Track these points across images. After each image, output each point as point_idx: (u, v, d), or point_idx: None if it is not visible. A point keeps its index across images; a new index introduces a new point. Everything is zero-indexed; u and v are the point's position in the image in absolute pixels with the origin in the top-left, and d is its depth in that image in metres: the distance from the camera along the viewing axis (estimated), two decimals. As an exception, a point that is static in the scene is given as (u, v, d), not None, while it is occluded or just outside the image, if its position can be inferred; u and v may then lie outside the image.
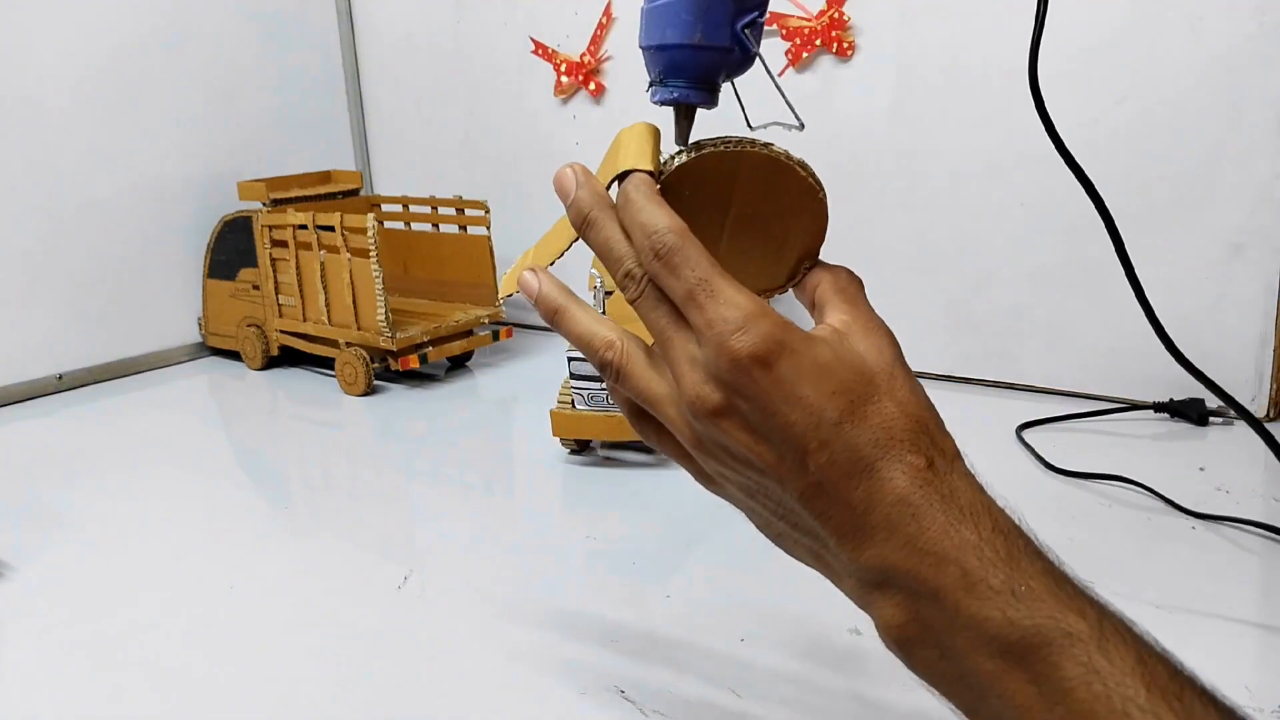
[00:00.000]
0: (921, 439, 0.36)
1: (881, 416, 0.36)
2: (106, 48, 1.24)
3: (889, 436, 0.36)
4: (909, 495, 0.35)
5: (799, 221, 0.43)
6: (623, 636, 0.60)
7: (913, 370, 0.39)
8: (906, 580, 0.35)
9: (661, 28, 0.41)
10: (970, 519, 0.35)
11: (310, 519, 0.83)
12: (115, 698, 0.57)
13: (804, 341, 0.37)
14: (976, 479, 0.37)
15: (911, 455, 0.36)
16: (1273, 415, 0.92)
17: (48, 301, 1.21)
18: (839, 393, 0.36)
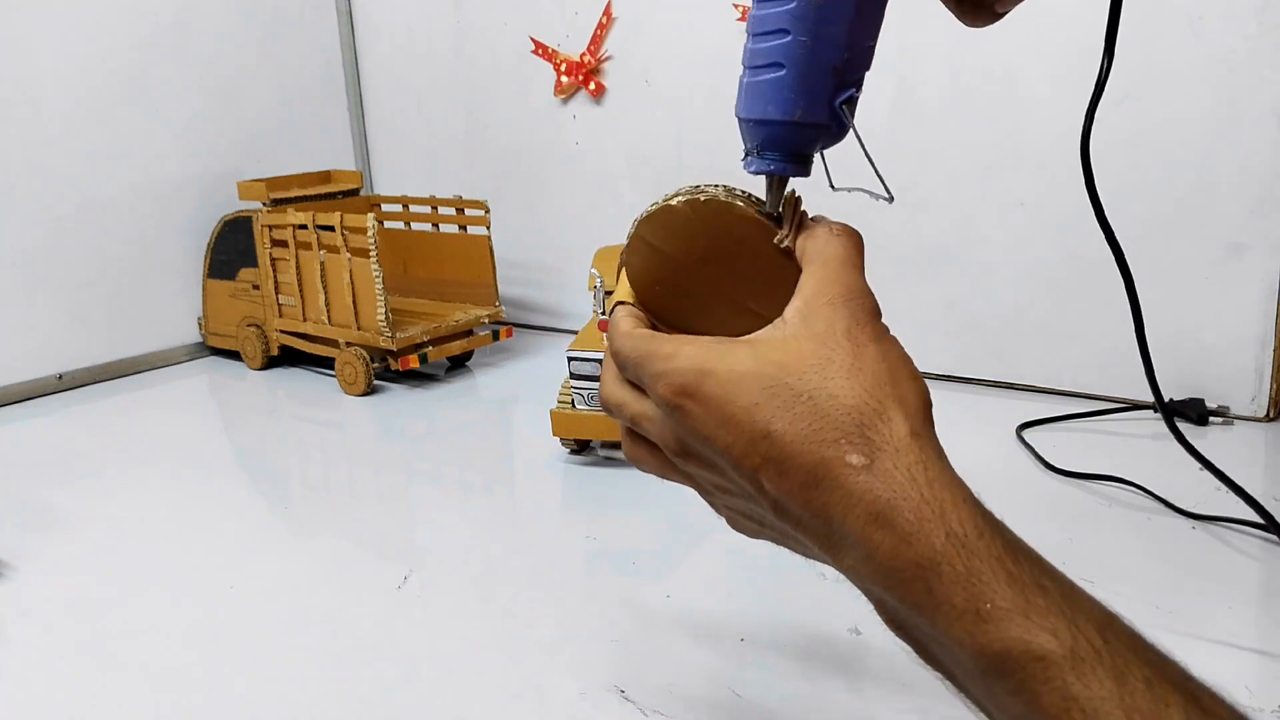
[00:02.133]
0: (856, 434, 0.33)
1: (813, 415, 0.34)
2: (106, 48, 1.24)
3: (823, 437, 0.33)
4: (855, 505, 0.33)
5: (765, 248, 0.41)
6: (623, 636, 0.60)
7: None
8: (882, 594, 0.33)
9: (763, 103, 0.42)
10: (924, 528, 0.32)
11: (310, 519, 0.83)
12: (115, 698, 0.57)
13: (722, 358, 0.36)
14: (934, 466, 0.33)
15: (852, 454, 0.33)
16: (1273, 415, 0.92)
17: (48, 301, 1.21)
18: (763, 402, 0.34)
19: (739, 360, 0.36)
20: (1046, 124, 0.97)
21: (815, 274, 0.38)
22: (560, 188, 1.35)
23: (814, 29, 0.40)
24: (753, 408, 0.34)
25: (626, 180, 1.28)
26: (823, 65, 0.41)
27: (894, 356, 0.36)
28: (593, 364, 0.86)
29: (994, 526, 0.33)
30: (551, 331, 1.40)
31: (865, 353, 0.35)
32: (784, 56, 0.41)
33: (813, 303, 0.37)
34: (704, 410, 0.35)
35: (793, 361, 0.35)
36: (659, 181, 1.25)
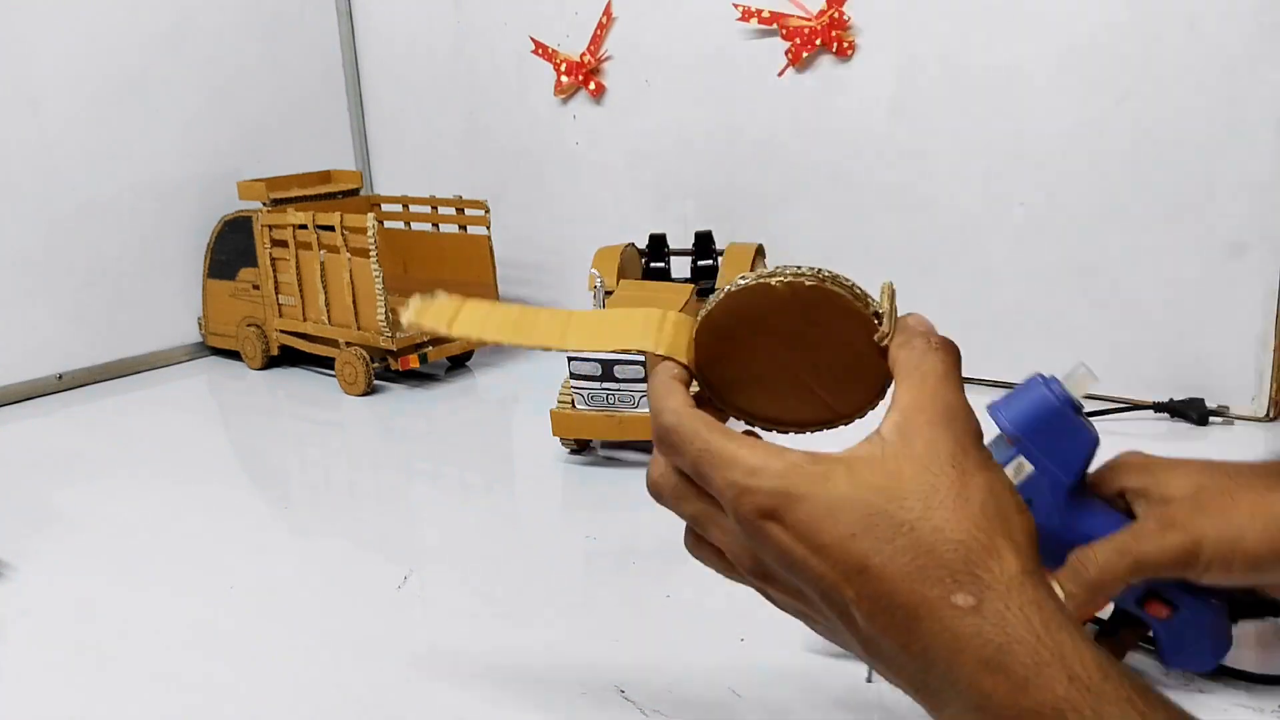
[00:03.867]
0: (964, 572, 0.30)
1: (915, 549, 0.31)
2: (106, 48, 1.24)
3: (926, 574, 0.31)
4: (963, 649, 0.30)
5: (858, 342, 0.39)
6: (623, 636, 0.60)
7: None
8: None
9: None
10: (1043, 673, 0.29)
11: (310, 519, 0.83)
12: (115, 698, 0.57)
13: (815, 482, 0.33)
14: (1048, 606, 0.31)
15: (959, 594, 0.30)
16: (1273, 415, 0.92)
17: (48, 301, 1.21)
18: (860, 533, 0.31)
19: (835, 484, 0.33)
20: (1046, 124, 0.97)
21: (913, 388, 0.35)
22: (560, 188, 1.35)
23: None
24: (849, 538, 0.32)
25: (626, 180, 1.28)
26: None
27: (1000, 487, 0.33)
28: (593, 364, 0.86)
29: (1118, 668, 0.30)
30: (551, 331, 1.39)
31: (972, 482, 0.32)
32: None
33: (912, 420, 0.34)
34: (793, 538, 0.32)
35: (893, 486, 0.32)
36: (659, 181, 1.25)
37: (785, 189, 1.15)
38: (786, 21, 1.09)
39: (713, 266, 1.10)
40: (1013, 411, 0.50)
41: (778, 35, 1.10)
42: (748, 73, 1.14)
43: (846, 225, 1.11)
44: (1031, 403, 0.50)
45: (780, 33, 1.10)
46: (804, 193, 1.13)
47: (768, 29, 1.11)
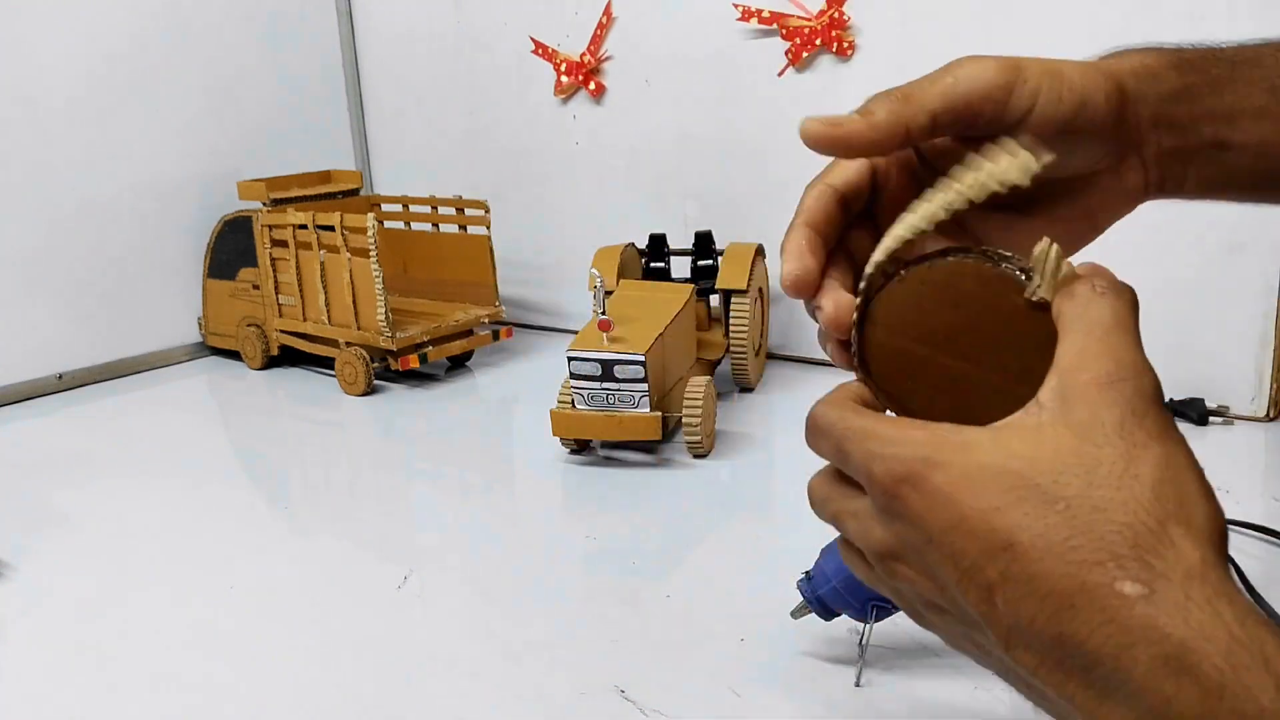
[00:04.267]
0: (1131, 558, 0.26)
1: (1071, 528, 0.27)
2: (106, 48, 1.24)
3: (1083, 556, 0.26)
4: (1135, 644, 0.26)
5: (1024, 321, 0.33)
6: (623, 636, 0.60)
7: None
8: None
9: (836, 557, 0.54)
10: (1241, 678, 0.24)
11: (310, 519, 0.83)
12: (115, 698, 0.57)
13: (956, 450, 0.29)
14: (1238, 602, 0.26)
15: (1124, 582, 0.26)
16: (1272, 415, 0.92)
17: (47, 301, 1.21)
18: (1006, 506, 0.28)
19: (979, 451, 0.29)
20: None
21: (1075, 343, 0.30)
22: (560, 188, 1.35)
23: None
24: (992, 512, 0.28)
25: (626, 180, 1.28)
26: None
27: (1180, 463, 0.28)
28: (593, 364, 0.86)
29: None
30: (551, 331, 1.40)
31: (1143, 456, 0.28)
32: None
33: (1072, 381, 0.29)
34: (929, 507, 0.29)
35: (1047, 458, 0.28)
36: (659, 181, 1.25)
37: (785, 189, 1.14)
38: (786, 21, 1.09)
39: (713, 266, 1.10)
40: None
41: (778, 35, 1.10)
42: (748, 73, 1.14)
43: (846, 225, 1.11)
44: None
45: (780, 33, 1.10)
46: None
47: (768, 29, 1.11)
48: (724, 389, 1.06)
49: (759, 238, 1.12)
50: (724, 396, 1.05)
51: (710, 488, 0.85)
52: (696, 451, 0.89)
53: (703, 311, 1.09)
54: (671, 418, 0.89)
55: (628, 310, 0.93)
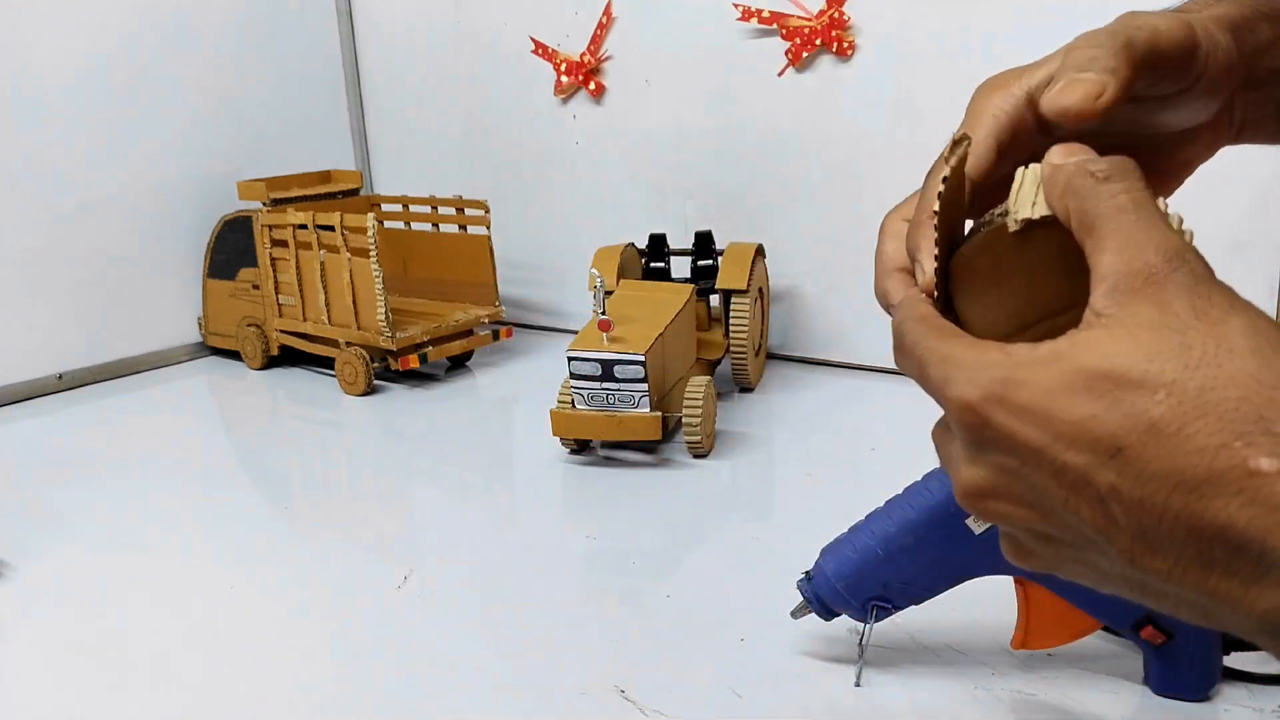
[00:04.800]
0: (1257, 431, 0.24)
1: (1183, 415, 0.25)
2: (106, 47, 1.24)
3: (1202, 442, 0.25)
4: (1272, 529, 0.24)
5: (1039, 249, 0.32)
6: (623, 636, 0.60)
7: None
8: None
9: (829, 556, 0.55)
10: None
11: (310, 519, 0.83)
12: (115, 698, 0.57)
13: (1039, 364, 0.27)
14: None
15: (1258, 457, 0.24)
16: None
17: (48, 301, 1.21)
18: (1103, 412, 0.26)
19: (1061, 361, 0.27)
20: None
21: (1110, 243, 0.28)
22: (560, 188, 1.35)
23: (892, 552, 0.53)
24: (1090, 419, 0.26)
25: (626, 180, 1.28)
26: (879, 575, 0.53)
27: (1266, 324, 0.26)
28: (593, 364, 0.86)
29: None
30: (551, 331, 1.40)
31: (1228, 330, 0.26)
32: (861, 549, 0.54)
33: (1124, 284, 0.27)
34: (1019, 427, 0.27)
35: (1136, 351, 0.26)
36: (659, 181, 1.25)
37: (785, 189, 1.15)
38: (786, 21, 1.09)
39: (713, 266, 1.10)
40: None
41: (778, 35, 1.10)
42: (748, 73, 1.14)
43: (846, 225, 1.11)
44: None
45: (780, 32, 1.10)
46: (804, 192, 1.13)
47: (768, 29, 1.11)
48: (724, 389, 1.06)
49: (759, 238, 1.12)
50: (724, 396, 1.05)
51: (710, 488, 0.85)
52: (696, 451, 0.89)
53: (703, 311, 1.09)
54: (671, 418, 0.89)
55: (628, 310, 0.93)
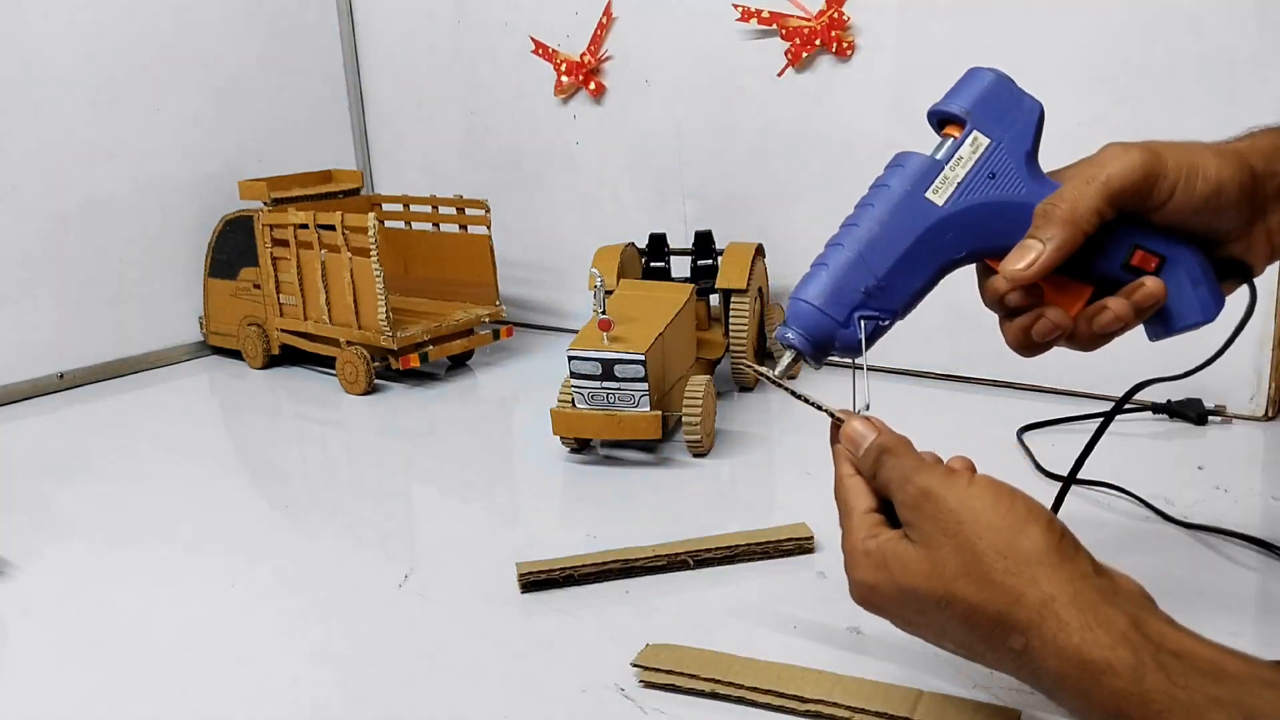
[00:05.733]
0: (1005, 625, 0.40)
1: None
2: (107, 47, 1.24)
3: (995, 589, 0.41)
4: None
5: None
6: (623, 636, 0.60)
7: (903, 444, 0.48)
8: None
9: (802, 285, 0.51)
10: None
11: (311, 518, 0.83)
12: (115, 697, 0.58)
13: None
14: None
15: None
16: (1271, 415, 0.92)
17: (49, 300, 1.21)
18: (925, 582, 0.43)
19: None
20: (1046, 123, 0.97)
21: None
22: (560, 188, 1.35)
23: (860, 250, 0.50)
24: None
25: (626, 180, 1.28)
26: (855, 280, 0.50)
27: (990, 496, 0.43)
28: (593, 363, 0.86)
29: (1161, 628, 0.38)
30: (551, 331, 1.40)
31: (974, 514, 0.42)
32: (830, 260, 0.51)
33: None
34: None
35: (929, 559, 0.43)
36: (659, 181, 1.25)
37: (785, 189, 1.15)
38: (786, 21, 1.09)
39: (713, 266, 1.10)
40: (957, 94, 0.54)
41: (777, 35, 1.10)
42: (747, 73, 1.14)
43: (846, 225, 1.11)
44: (972, 82, 0.54)
45: (780, 33, 1.10)
46: (804, 192, 1.14)
47: (767, 29, 1.11)
48: (724, 388, 1.07)
49: (759, 238, 1.12)
50: (724, 396, 1.05)
51: (710, 487, 0.85)
52: (696, 451, 0.89)
53: (703, 311, 1.09)
54: (671, 417, 0.89)
55: (628, 310, 0.93)
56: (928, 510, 0.42)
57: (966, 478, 0.43)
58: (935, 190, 0.51)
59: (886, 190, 0.52)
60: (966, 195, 0.51)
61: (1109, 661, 0.35)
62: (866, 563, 0.44)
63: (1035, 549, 0.39)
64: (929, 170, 0.52)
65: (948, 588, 0.40)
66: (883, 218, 0.51)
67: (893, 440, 0.47)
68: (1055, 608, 0.37)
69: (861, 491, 0.47)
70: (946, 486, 0.42)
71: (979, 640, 0.40)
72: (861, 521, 0.46)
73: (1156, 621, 0.37)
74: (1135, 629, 0.36)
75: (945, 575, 0.40)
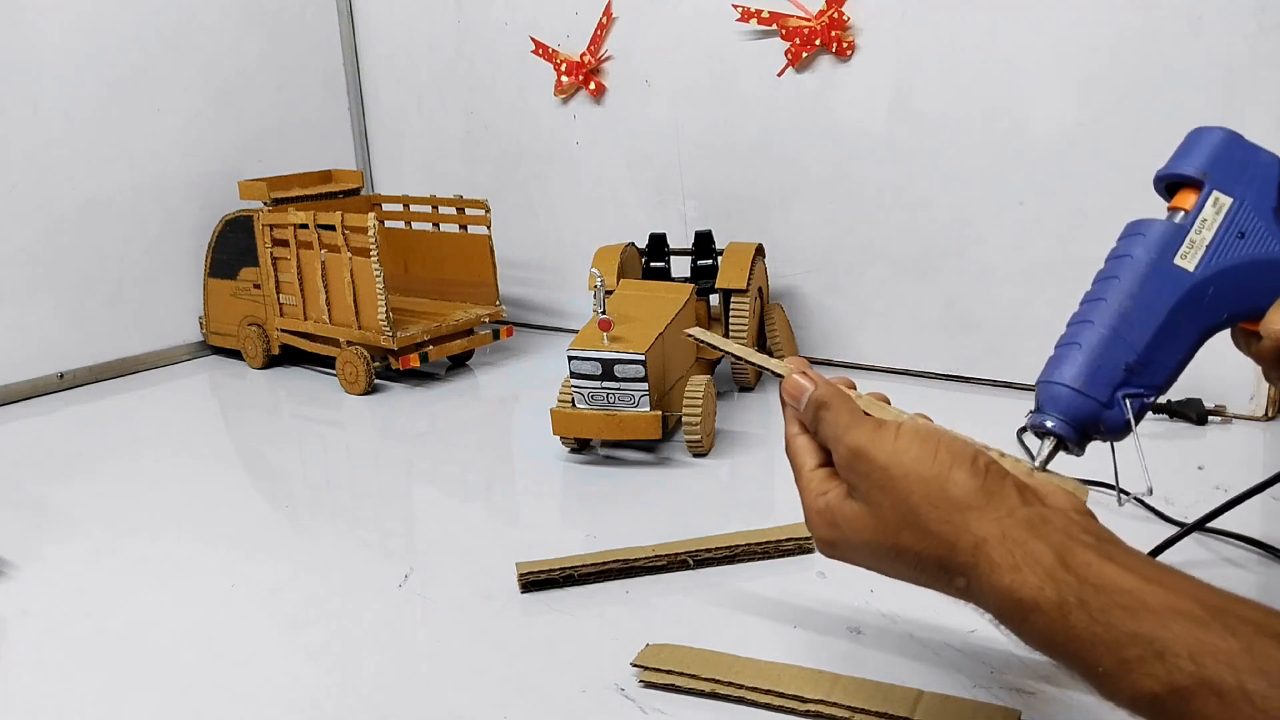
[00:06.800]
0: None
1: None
2: (108, 47, 1.24)
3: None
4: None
5: None
6: (623, 636, 0.61)
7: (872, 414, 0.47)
8: None
9: (1054, 367, 0.49)
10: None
11: (311, 517, 0.83)
12: (115, 697, 0.58)
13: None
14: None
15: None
16: (1271, 415, 0.92)
17: (49, 300, 1.21)
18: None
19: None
20: (1046, 123, 0.97)
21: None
22: (560, 188, 1.35)
23: (1115, 325, 0.48)
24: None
25: (626, 180, 1.29)
26: (1114, 357, 0.48)
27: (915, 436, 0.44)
28: (593, 363, 0.86)
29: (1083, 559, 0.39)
30: (551, 331, 1.40)
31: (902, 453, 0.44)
32: (1083, 338, 0.48)
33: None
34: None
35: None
36: (659, 181, 1.25)
37: (785, 189, 1.15)
38: (786, 21, 1.09)
39: (713, 266, 1.10)
40: (1186, 156, 0.50)
41: (777, 35, 1.10)
42: (747, 73, 1.14)
43: (846, 225, 1.11)
44: (1200, 142, 0.50)
45: (780, 33, 1.10)
46: (804, 192, 1.14)
47: (767, 29, 1.11)
48: (724, 388, 1.07)
49: (759, 238, 1.12)
50: (724, 396, 1.05)
51: (710, 487, 0.85)
52: (696, 450, 0.89)
53: (703, 311, 1.09)
54: (671, 417, 0.89)
55: (628, 310, 0.93)
56: (862, 470, 0.44)
57: (893, 430, 0.44)
58: (1183, 256, 0.49)
59: (1130, 260, 0.49)
60: (1217, 257, 0.49)
61: (1035, 601, 0.37)
62: (820, 521, 0.46)
63: (963, 494, 0.41)
64: (1173, 236, 0.49)
65: (893, 540, 0.42)
66: (1132, 290, 0.48)
67: (827, 393, 0.47)
68: (987, 549, 0.39)
69: (808, 449, 0.48)
70: (875, 443, 0.44)
71: (931, 581, 0.42)
72: (811, 479, 0.47)
73: (1082, 551, 0.38)
74: (1060, 564, 0.37)
75: (889, 529, 0.43)
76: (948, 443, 0.43)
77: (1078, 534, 0.39)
